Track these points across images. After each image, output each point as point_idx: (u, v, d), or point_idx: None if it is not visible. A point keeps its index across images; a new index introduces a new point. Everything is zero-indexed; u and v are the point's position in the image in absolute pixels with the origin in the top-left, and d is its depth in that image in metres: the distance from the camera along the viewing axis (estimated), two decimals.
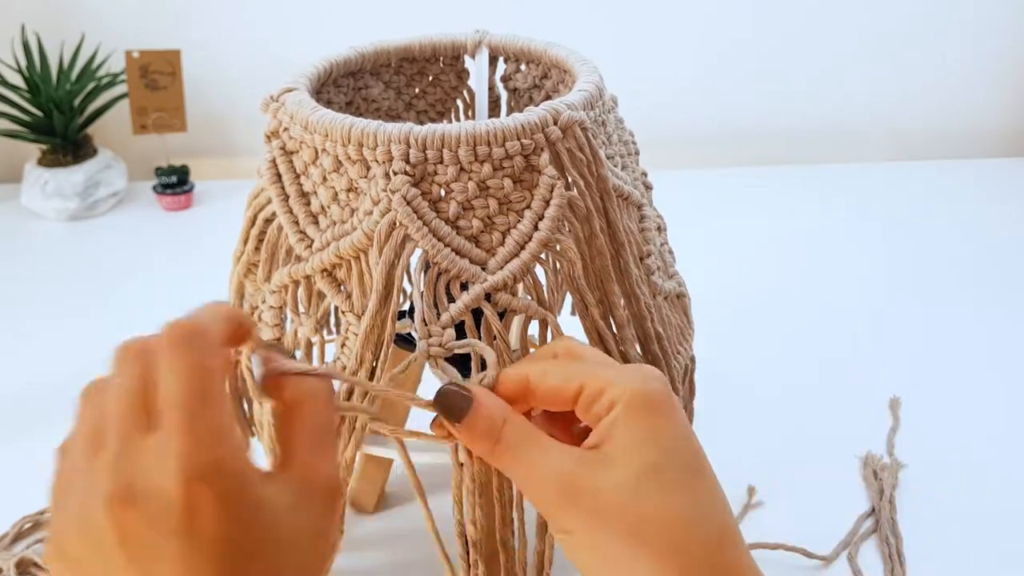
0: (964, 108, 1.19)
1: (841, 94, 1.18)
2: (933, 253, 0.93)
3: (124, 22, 1.08)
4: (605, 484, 0.28)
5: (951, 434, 0.66)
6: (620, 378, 0.30)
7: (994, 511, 0.58)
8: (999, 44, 1.15)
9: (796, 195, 1.08)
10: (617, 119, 0.46)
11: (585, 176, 0.39)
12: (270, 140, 0.42)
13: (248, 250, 0.44)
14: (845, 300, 0.84)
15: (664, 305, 0.45)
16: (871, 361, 0.74)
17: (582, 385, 0.31)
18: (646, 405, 0.29)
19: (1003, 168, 1.15)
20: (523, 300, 0.38)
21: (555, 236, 0.37)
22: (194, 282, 0.88)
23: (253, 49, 1.11)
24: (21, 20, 1.03)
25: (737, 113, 1.18)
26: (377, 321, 0.38)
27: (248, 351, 0.30)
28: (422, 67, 0.53)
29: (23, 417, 0.69)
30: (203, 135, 1.13)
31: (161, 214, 1.04)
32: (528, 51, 0.51)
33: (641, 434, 0.29)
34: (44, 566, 0.54)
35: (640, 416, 0.29)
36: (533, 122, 0.36)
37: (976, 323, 0.80)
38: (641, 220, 0.45)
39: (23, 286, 0.89)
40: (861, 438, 0.65)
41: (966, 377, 0.72)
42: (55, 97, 0.99)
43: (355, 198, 0.38)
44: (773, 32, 1.13)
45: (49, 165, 1.02)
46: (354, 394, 0.39)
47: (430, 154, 0.36)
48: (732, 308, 0.81)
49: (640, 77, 1.09)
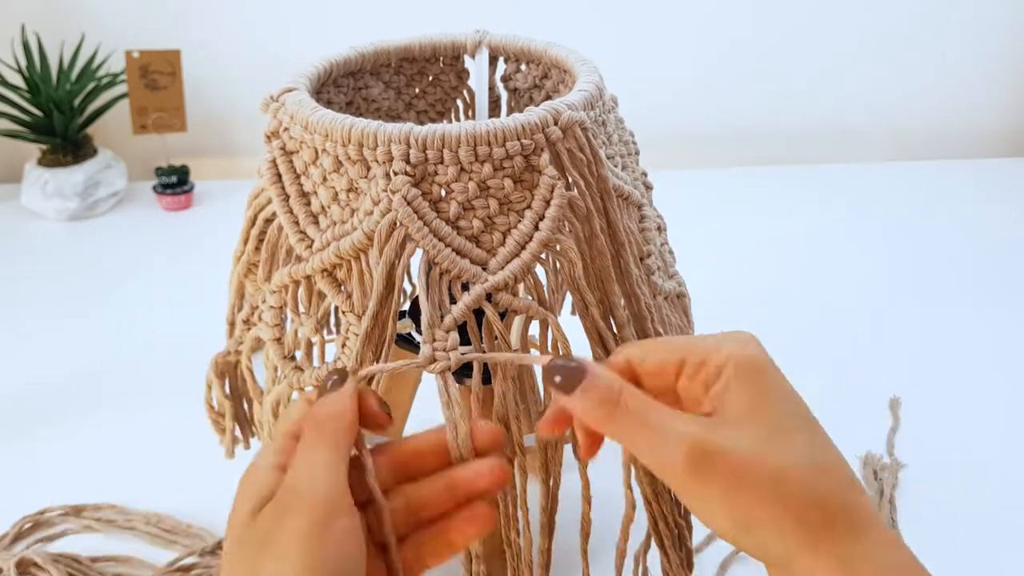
0: (964, 108, 1.19)
1: (841, 94, 1.18)
2: (933, 253, 0.93)
3: (124, 22, 1.08)
4: (736, 446, 0.28)
5: (951, 434, 0.66)
6: (721, 346, 0.31)
7: (994, 511, 0.58)
8: (999, 44, 1.15)
9: (796, 195, 1.08)
10: (617, 119, 0.46)
11: (585, 176, 0.39)
12: (270, 140, 0.42)
13: (248, 250, 0.44)
14: (845, 300, 0.84)
15: (664, 305, 0.45)
16: (871, 361, 0.74)
17: (683, 358, 0.31)
18: (752, 368, 0.30)
19: (1003, 168, 1.15)
20: (524, 300, 0.38)
21: (555, 236, 0.37)
22: (194, 282, 0.89)
23: (253, 49, 1.11)
24: (21, 20, 1.03)
25: (737, 113, 1.18)
26: (378, 321, 0.38)
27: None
28: (422, 67, 0.53)
29: (23, 417, 0.69)
30: (203, 135, 1.13)
31: (161, 214, 1.04)
32: (528, 51, 0.51)
33: (755, 396, 0.29)
34: (44, 566, 0.54)
35: (749, 380, 0.30)
36: (533, 122, 0.36)
37: (976, 323, 0.80)
38: (641, 220, 0.45)
39: (23, 286, 0.89)
40: (861, 438, 0.65)
41: (966, 377, 0.72)
42: (55, 97, 0.99)
43: (355, 198, 0.38)
44: (773, 32, 1.13)
45: (49, 165, 1.02)
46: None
47: (430, 154, 0.36)
48: (732, 308, 0.81)
49: (640, 77, 1.09)
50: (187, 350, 0.68)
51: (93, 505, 0.60)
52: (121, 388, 0.72)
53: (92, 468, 0.64)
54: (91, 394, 0.72)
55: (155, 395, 0.71)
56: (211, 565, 0.55)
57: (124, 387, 0.73)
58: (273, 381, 0.44)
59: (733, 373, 0.30)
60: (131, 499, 0.60)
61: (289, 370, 0.42)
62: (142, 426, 0.68)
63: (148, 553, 0.56)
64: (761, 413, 0.29)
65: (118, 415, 0.69)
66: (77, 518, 0.59)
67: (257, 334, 0.45)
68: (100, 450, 0.65)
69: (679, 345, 0.32)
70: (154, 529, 0.58)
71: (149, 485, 0.61)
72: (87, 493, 0.60)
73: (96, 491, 0.61)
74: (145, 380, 0.73)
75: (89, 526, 0.58)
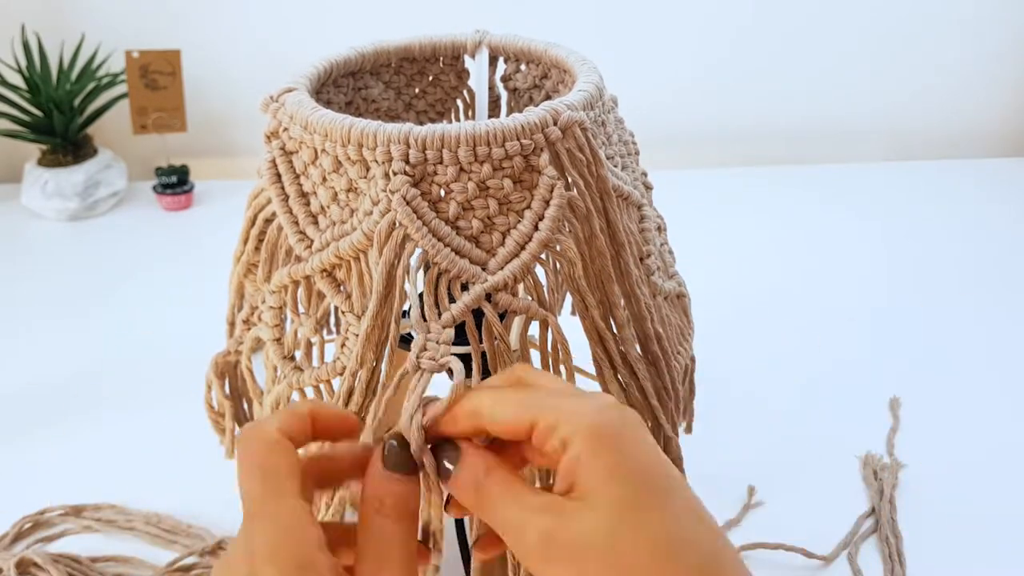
0: (964, 108, 1.19)
1: (841, 94, 1.18)
2: (933, 253, 0.93)
3: (124, 22, 1.08)
4: (582, 532, 0.27)
5: (951, 434, 0.66)
6: (573, 411, 0.29)
7: (994, 511, 0.58)
8: (999, 44, 1.15)
9: (796, 195, 1.08)
10: (617, 119, 0.46)
11: (585, 176, 0.39)
12: (270, 140, 0.42)
13: (248, 250, 0.44)
14: (845, 300, 0.84)
15: (664, 305, 0.45)
16: (871, 361, 0.74)
17: (534, 420, 0.30)
18: (601, 438, 0.28)
19: (1003, 168, 1.15)
20: (523, 300, 0.38)
21: (555, 236, 0.37)
22: (194, 282, 0.89)
23: (253, 49, 1.11)
24: (21, 20, 1.03)
25: (737, 113, 1.18)
26: (377, 322, 0.38)
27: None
28: (422, 67, 0.53)
29: (23, 417, 0.69)
30: (203, 135, 1.13)
31: (161, 214, 1.04)
32: (528, 51, 0.51)
33: (604, 471, 0.28)
34: (44, 566, 0.54)
35: (598, 451, 0.28)
36: (533, 122, 0.36)
37: (976, 323, 0.80)
38: (641, 220, 0.45)
39: (23, 286, 0.89)
40: (861, 438, 0.65)
41: (966, 377, 0.72)
42: (55, 97, 0.99)
43: (355, 198, 0.38)
44: (773, 32, 1.13)
45: (49, 165, 1.02)
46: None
47: (430, 154, 0.36)
48: (732, 308, 0.81)
49: (640, 77, 1.09)
50: (187, 350, 0.68)
51: (93, 505, 0.60)
52: (121, 388, 0.72)
53: (92, 468, 0.64)
54: (91, 394, 0.72)
55: (155, 395, 0.71)
56: (211, 565, 0.55)
57: (124, 387, 0.73)
58: (273, 381, 0.44)
59: (580, 446, 0.28)
60: (131, 499, 0.60)
61: (289, 370, 0.42)
62: (142, 426, 0.68)
63: (148, 553, 0.56)
64: (608, 489, 0.27)
65: (118, 415, 0.69)
66: (77, 518, 0.59)
67: (257, 334, 0.45)
68: (100, 450, 0.65)
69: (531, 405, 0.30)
70: (154, 529, 0.58)
71: (149, 485, 0.61)
72: (87, 493, 0.60)
73: (96, 491, 0.61)
74: (145, 380, 0.73)
75: (89, 526, 0.58)
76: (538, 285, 0.38)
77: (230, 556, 0.28)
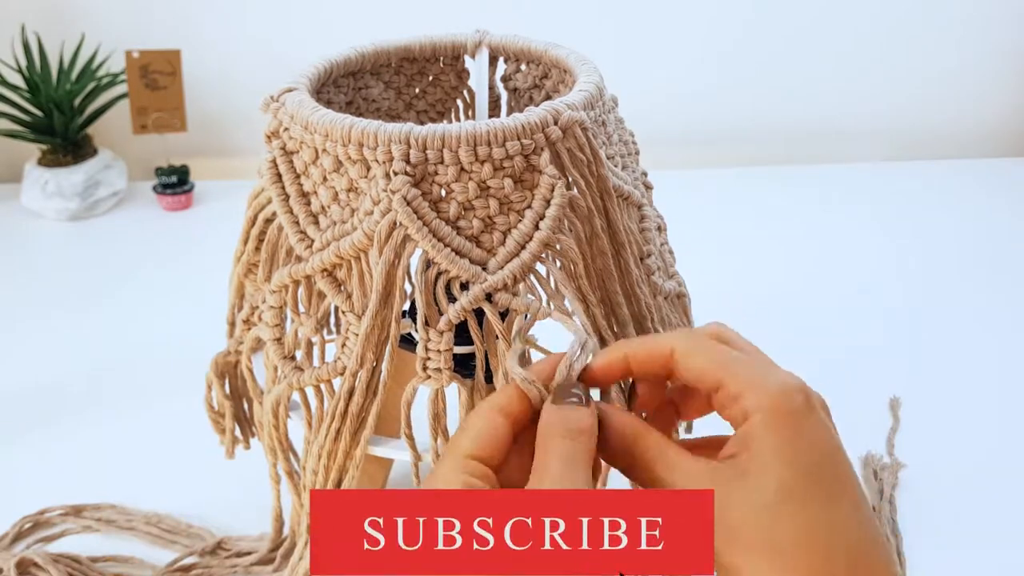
0: (964, 108, 1.19)
1: (841, 94, 1.18)
2: (933, 253, 0.93)
3: (124, 22, 1.08)
4: (738, 502, 0.27)
5: (951, 434, 0.66)
6: (760, 385, 0.29)
7: (994, 511, 0.58)
8: (999, 44, 1.15)
9: (796, 195, 1.08)
10: (617, 119, 0.46)
11: (585, 176, 0.39)
12: (270, 140, 0.42)
13: (248, 250, 0.44)
14: (845, 300, 0.84)
15: (664, 305, 0.45)
16: (871, 361, 0.74)
17: (720, 382, 0.30)
18: (782, 419, 0.28)
19: (1003, 168, 1.15)
20: (524, 300, 0.38)
21: (556, 236, 0.37)
22: (194, 282, 0.89)
23: (253, 49, 1.11)
24: (21, 20, 1.03)
25: (737, 113, 1.18)
26: (378, 321, 0.38)
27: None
28: (422, 67, 0.53)
29: (23, 417, 0.69)
30: (203, 135, 1.13)
31: (161, 214, 1.04)
32: (528, 51, 0.51)
33: (777, 451, 0.28)
34: (44, 566, 0.54)
35: (777, 431, 0.28)
36: (533, 122, 0.36)
37: (976, 323, 0.80)
38: (641, 220, 0.45)
39: (23, 286, 0.89)
40: (861, 438, 0.65)
41: (966, 377, 0.72)
42: (55, 97, 0.99)
43: (355, 198, 0.38)
44: (773, 32, 1.13)
45: (49, 165, 1.02)
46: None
47: (430, 154, 0.36)
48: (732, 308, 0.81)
49: (640, 77, 1.09)
50: (187, 350, 0.68)
51: (93, 505, 0.60)
52: (121, 388, 0.72)
53: (92, 468, 0.64)
54: (91, 394, 0.72)
55: (155, 395, 0.71)
56: (211, 565, 0.55)
57: (124, 387, 0.73)
58: (273, 381, 0.44)
59: (760, 421, 0.28)
60: (131, 499, 0.60)
61: (289, 370, 0.42)
62: (142, 426, 0.68)
63: (148, 553, 0.56)
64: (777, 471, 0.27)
65: (118, 415, 0.69)
66: (77, 518, 0.59)
67: (257, 334, 0.45)
68: (100, 450, 0.65)
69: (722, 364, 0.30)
70: (154, 529, 0.58)
71: (149, 485, 0.61)
72: (87, 493, 0.60)
73: (96, 491, 0.61)
74: (145, 380, 0.73)
75: (89, 526, 0.58)
76: (542, 282, 0.38)
77: None
